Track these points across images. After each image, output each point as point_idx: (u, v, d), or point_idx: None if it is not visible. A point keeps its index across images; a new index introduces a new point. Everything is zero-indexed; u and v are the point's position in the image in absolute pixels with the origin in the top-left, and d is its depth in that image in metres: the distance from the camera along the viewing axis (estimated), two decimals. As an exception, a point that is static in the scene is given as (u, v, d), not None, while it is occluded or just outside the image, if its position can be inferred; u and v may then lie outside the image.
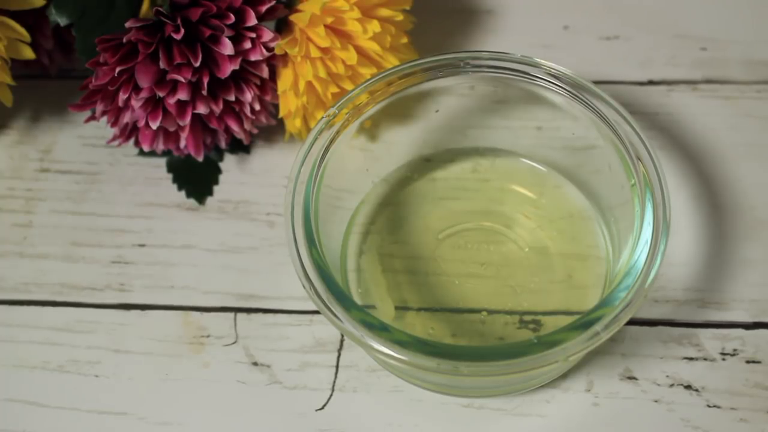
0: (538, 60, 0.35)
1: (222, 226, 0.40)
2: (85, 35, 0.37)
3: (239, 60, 0.36)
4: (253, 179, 0.41)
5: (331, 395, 0.35)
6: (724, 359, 0.35)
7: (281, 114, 0.38)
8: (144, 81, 0.35)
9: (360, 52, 0.37)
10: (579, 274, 0.36)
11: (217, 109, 0.37)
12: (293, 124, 0.39)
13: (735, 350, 0.36)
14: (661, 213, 0.32)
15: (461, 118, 0.40)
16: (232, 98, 0.37)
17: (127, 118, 0.37)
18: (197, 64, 0.35)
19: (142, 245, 0.40)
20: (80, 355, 0.37)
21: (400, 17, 0.38)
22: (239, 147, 0.42)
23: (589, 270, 0.36)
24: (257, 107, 0.38)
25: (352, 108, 0.35)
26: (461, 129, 0.40)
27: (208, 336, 0.37)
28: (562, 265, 0.36)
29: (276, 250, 0.39)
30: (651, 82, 0.43)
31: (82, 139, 0.43)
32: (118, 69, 0.35)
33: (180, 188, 0.41)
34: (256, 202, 0.41)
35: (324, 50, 0.36)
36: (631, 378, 0.35)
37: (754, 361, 0.35)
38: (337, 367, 0.36)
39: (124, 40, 0.35)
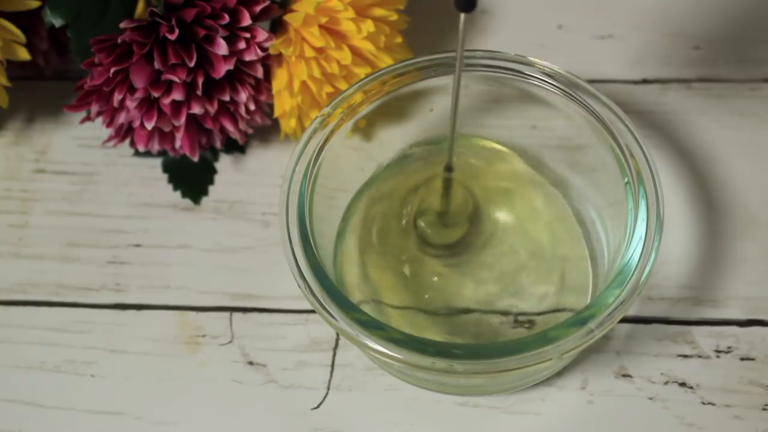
0: (532, 59, 0.35)
1: (217, 226, 0.40)
2: (80, 36, 0.37)
3: (234, 60, 0.36)
4: (249, 179, 0.41)
5: (326, 394, 0.35)
6: (718, 357, 0.36)
7: (276, 114, 0.39)
8: (139, 81, 0.35)
9: (354, 51, 0.37)
10: (573, 273, 0.36)
11: (212, 109, 0.37)
12: (288, 124, 0.39)
13: (729, 348, 0.36)
14: (654, 211, 0.32)
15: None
16: (227, 98, 0.37)
17: (122, 118, 0.37)
18: (192, 65, 0.35)
19: (138, 245, 0.40)
20: (76, 355, 0.37)
21: (394, 17, 0.38)
22: (234, 147, 0.42)
23: (583, 269, 0.36)
24: (252, 107, 0.38)
25: (346, 107, 0.35)
26: (459, 131, 0.40)
27: (203, 336, 0.37)
28: (556, 265, 0.36)
29: (271, 249, 0.39)
30: (645, 81, 0.43)
31: (77, 140, 0.43)
32: (113, 69, 0.35)
33: (175, 188, 0.41)
34: (251, 201, 0.41)
35: (318, 50, 0.36)
36: (626, 376, 0.35)
37: (748, 359, 0.35)
38: (332, 366, 0.36)
39: (119, 41, 0.35)
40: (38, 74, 0.44)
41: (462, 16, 0.28)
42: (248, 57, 0.36)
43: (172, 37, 0.35)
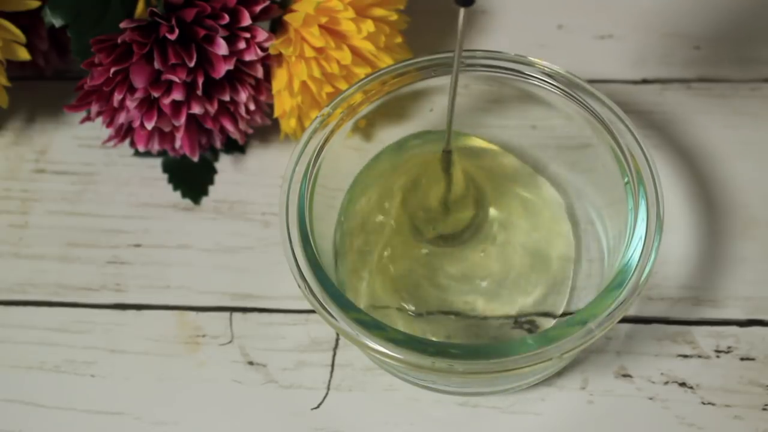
0: (533, 59, 0.35)
1: (217, 226, 0.40)
2: (80, 36, 0.37)
3: (234, 60, 0.36)
4: (249, 179, 0.41)
5: (326, 394, 0.35)
6: (718, 357, 0.36)
7: (276, 114, 0.39)
8: (139, 81, 0.35)
9: (354, 51, 0.37)
10: (573, 273, 0.36)
11: (212, 109, 0.37)
12: (288, 124, 0.39)
13: (729, 348, 0.36)
14: (654, 211, 0.32)
15: (455, 117, 0.40)
16: (227, 98, 0.37)
17: (122, 118, 0.37)
18: (192, 65, 0.35)
19: (138, 245, 0.40)
20: (76, 356, 0.37)
21: (394, 17, 0.38)
22: (234, 147, 0.42)
23: (583, 269, 0.36)
24: (252, 107, 0.38)
25: (346, 107, 0.35)
26: (455, 128, 0.40)
27: (203, 336, 0.37)
28: (556, 266, 0.36)
29: (271, 249, 0.39)
30: (645, 81, 0.43)
31: (77, 140, 0.43)
32: (113, 69, 0.35)
33: (175, 188, 0.41)
34: (251, 201, 0.41)
35: (318, 50, 0.36)
36: (626, 376, 0.35)
37: (748, 359, 0.35)
38: (332, 366, 0.36)
39: (119, 41, 0.35)
40: (38, 74, 0.44)
41: (461, 10, 0.28)
42: (248, 57, 0.36)
43: (172, 37, 0.35)
